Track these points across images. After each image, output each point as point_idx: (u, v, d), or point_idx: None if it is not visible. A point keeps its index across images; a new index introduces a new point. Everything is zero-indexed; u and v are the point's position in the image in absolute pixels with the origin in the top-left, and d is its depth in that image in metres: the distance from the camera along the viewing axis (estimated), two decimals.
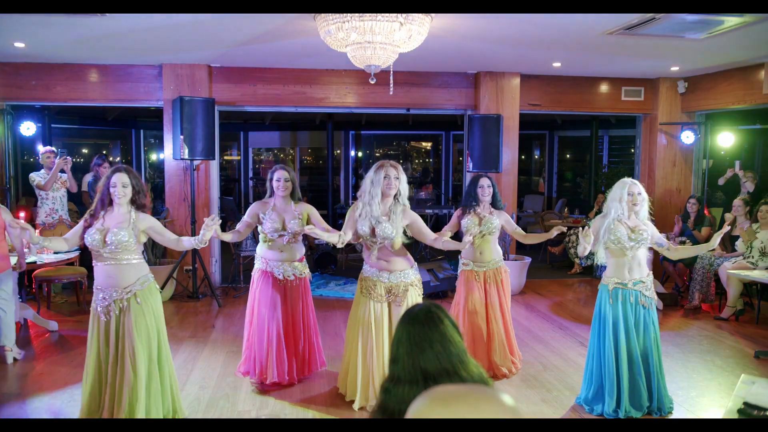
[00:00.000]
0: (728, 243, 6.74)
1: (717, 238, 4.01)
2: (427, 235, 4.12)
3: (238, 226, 4.43)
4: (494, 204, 4.72)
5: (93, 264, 3.65)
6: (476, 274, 4.65)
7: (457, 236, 4.56)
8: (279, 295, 4.34)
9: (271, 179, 4.42)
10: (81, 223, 3.65)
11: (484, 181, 4.68)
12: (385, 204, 3.98)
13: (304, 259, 4.57)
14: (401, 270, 4.04)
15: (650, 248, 4.09)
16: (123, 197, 3.57)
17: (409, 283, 4.06)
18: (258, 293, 4.37)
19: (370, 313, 3.99)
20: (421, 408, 1.10)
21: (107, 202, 3.60)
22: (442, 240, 4.14)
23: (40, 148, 7.09)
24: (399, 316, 3.94)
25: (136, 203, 3.64)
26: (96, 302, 3.59)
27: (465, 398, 1.09)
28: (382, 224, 3.93)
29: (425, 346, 1.72)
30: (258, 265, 4.45)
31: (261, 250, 4.44)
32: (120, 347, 3.53)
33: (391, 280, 4.01)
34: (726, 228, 4.16)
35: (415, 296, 4.06)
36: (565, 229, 4.42)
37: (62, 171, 6.82)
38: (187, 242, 3.78)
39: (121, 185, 3.56)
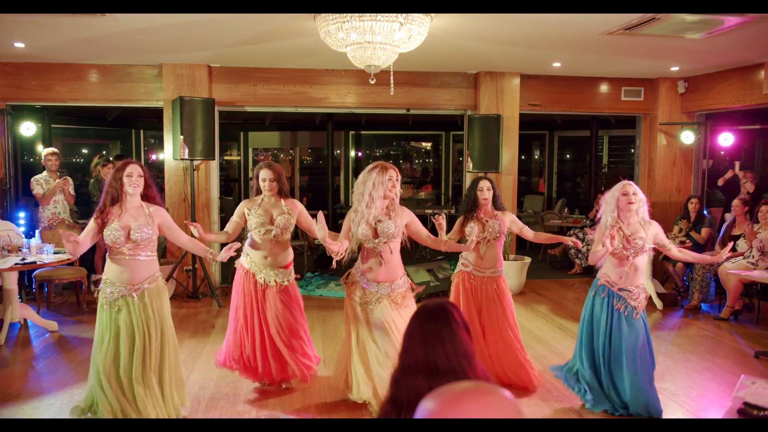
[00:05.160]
0: (728, 242, 6.74)
1: (723, 254, 4.14)
2: (424, 235, 4.02)
3: (227, 227, 4.31)
4: (496, 206, 4.58)
5: (106, 260, 3.63)
6: (473, 278, 4.46)
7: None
8: (258, 298, 4.22)
9: (257, 178, 4.32)
10: (92, 223, 3.58)
11: (484, 184, 4.53)
12: (383, 205, 3.87)
13: (291, 266, 4.39)
14: (392, 281, 3.89)
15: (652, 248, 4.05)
16: (137, 187, 3.55)
17: (401, 293, 3.91)
18: (239, 288, 4.28)
19: (358, 313, 3.89)
20: (433, 410, 1.12)
21: (117, 196, 3.56)
22: (444, 241, 4.02)
23: (45, 151, 7.08)
24: (377, 324, 3.83)
25: (146, 196, 3.64)
26: (104, 294, 3.57)
27: (471, 397, 1.11)
28: (383, 222, 3.81)
29: (436, 341, 1.76)
30: (243, 260, 4.31)
31: (248, 247, 4.31)
32: (121, 343, 3.53)
33: (380, 291, 3.86)
34: (730, 245, 4.31)
35: (395, 309, 3.88)
36: (580, 245, 4.47)
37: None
38: (206, 251, 3.87)
39: (137, 175, 3.55)
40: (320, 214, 3.71)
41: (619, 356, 3.84)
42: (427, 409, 1.13)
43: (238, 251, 4.03)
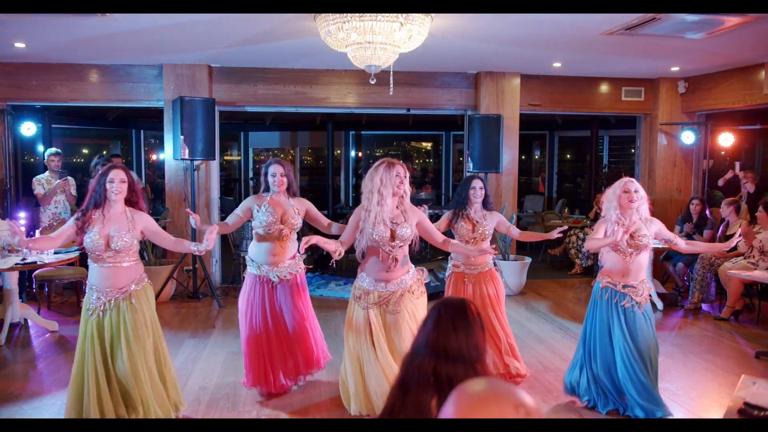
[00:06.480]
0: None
1: (730, 244, 4.14)
2: (436, 236, 3.92)
3: (228, 218, 4.26)
4: (485, 206, 4.58)
5: (89, 263, 3.60)
6: (467, 276, 4.52)
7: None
8: (273, 300, 4.19)
9: (266, 174, 4.26)
10: (71, 222, 3.56)
11: (477, 183, 4.54)
12: (393, 204, 3.78)
13: (297, 255, 4.36)
14: (399, 278, 3.81)
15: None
16: (120, 194, 3.53)
17: (406, 288, 3.82)
18: (251, 300, 4.20)
19: (362, 320, 3.78)
20: (463, 410, 1.11)
21: (101, 200, 3.54)
22: (451, 243, 3.94)
23: (48, 152, 7.09)
24: (394, 324, 3.76)
25: (130, 201, 3.62)
26: (90, 302, 3.54)
27: (504, 398, 1.11)
28: (401, 225, 3.73)
29: (449, 328, 1.83)
30: (250, 269, 4.25)
31: (253, 252, 4.26)
32: (115, 347, 3.52)
33: (388, 288, 3.78)
34: (738, 236, 4.30)
35: (413, 300, 3.82)
36: (566, 228, 4.40)
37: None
38: (189, 245, 3.65)
39: (119, 181, 3.52)
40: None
41: (632, 354, 3.84)
42: (450, 411, 1.13)
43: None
